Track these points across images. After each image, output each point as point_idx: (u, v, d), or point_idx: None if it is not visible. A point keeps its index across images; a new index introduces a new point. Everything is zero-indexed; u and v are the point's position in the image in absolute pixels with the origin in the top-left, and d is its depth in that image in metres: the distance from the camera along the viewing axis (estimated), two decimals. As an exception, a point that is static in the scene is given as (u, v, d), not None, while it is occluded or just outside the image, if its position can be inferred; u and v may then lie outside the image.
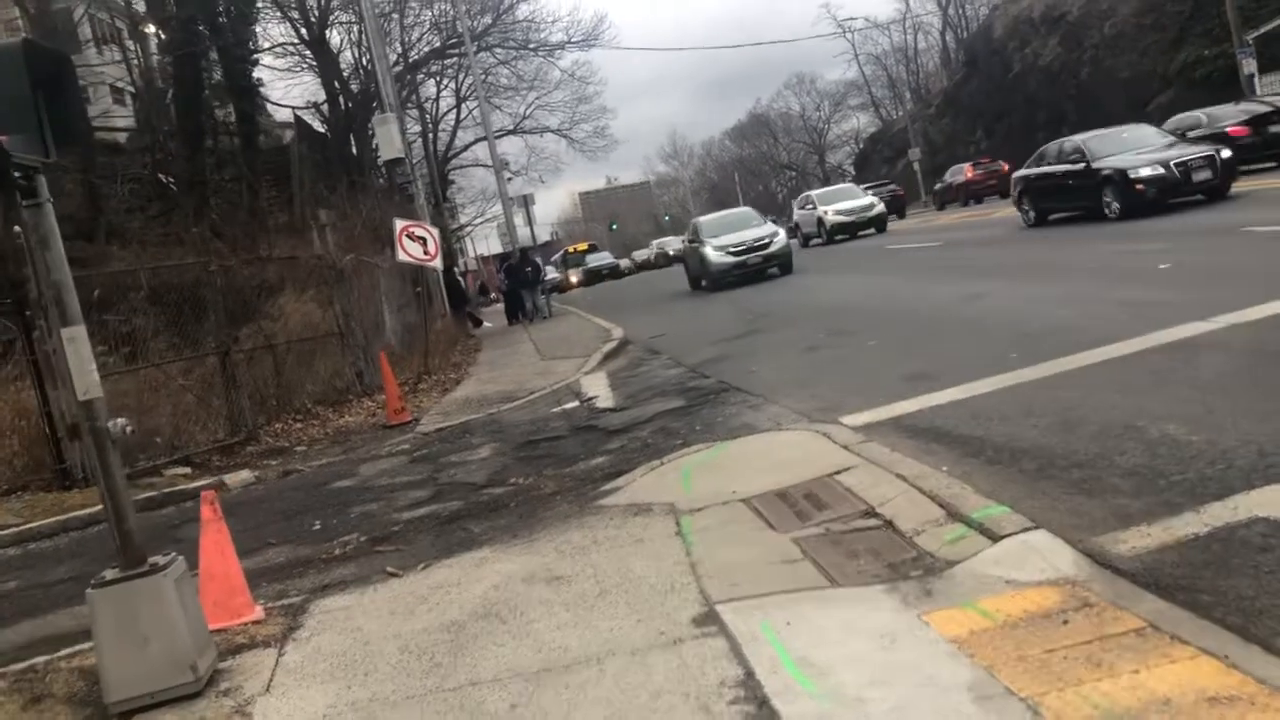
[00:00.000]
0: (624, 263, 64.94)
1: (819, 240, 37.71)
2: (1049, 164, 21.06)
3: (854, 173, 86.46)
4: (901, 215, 46.83)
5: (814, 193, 42.00)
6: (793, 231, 42.60)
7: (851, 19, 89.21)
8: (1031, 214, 21.73)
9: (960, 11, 79.23)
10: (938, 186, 50.31)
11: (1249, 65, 33.48)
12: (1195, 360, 7.09)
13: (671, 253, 56.86)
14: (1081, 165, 19.71)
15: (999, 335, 9.73)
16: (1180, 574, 4.03)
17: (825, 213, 37.12)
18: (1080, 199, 20.04)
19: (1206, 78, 39.80)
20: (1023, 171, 22.29)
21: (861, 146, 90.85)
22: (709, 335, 15.40)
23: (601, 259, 62.64)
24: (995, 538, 4.62)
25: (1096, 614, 3.80)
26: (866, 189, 43.32)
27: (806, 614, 4.30)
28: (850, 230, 36.24)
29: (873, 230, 35.59)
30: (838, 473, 6.23)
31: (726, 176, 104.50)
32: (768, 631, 4.16)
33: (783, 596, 4.54)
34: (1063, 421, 6.38)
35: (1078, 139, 20.92)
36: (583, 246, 66.51)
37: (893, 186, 51.68)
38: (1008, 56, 61.52)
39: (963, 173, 46.88)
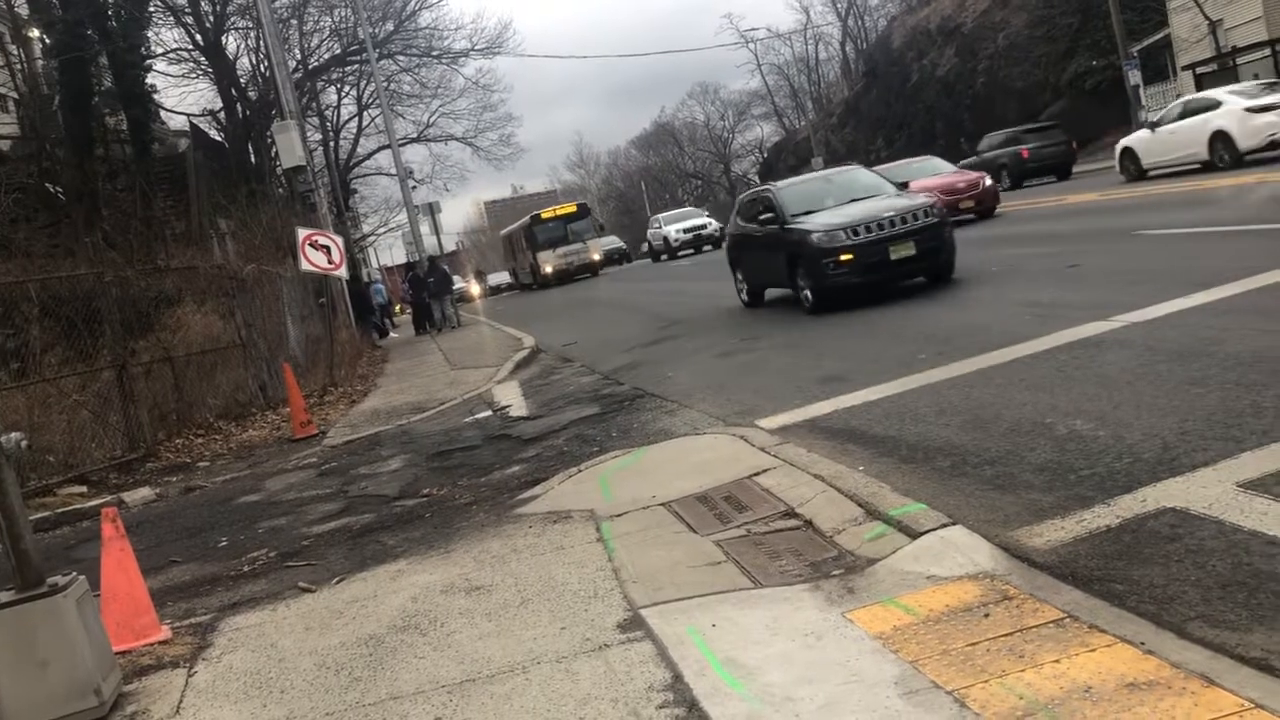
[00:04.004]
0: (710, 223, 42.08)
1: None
2: None
3: (758, 182, 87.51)
4: None
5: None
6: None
7: (754, 29, 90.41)
8: None
9: (860, 23, 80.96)
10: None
11: (1134, 76, 34.78)
12: (1099, 359, 7.30)
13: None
14: None
15: (908, 337, 9.90)
16: (1094, 565, 4.12)
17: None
18: None
19: (1095, 88, 41.33)
20: None
21: (766, 155, 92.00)
22: (622, 343, 15.39)
23: (687, 220, 41.03)
24: (914, 534, 4.68)
25: (1016, 606, 3.86)
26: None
27: (731, 615, 4.29)
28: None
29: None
30: (756, 475, 6.25)
31: (633, 185, 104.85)
32: (694, 634, 4.13)
33: (707, 599, 4.53)
34: (974, 420, 6.51)
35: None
36: (567, 209, 46.18)
37: None
38: (906, 67, 63.06)
39: None
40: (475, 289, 54.21)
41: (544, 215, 45.54)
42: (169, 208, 26.14)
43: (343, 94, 51.71)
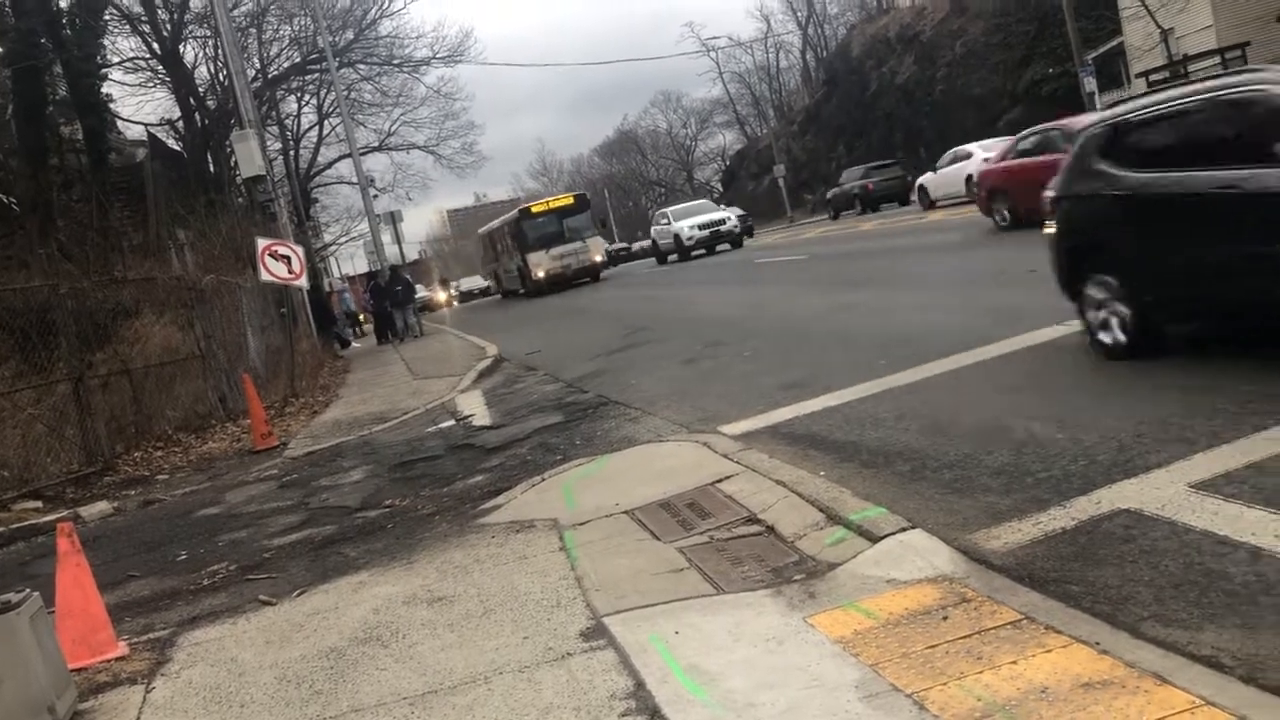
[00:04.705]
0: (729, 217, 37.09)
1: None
2: None
3: (721, 189, 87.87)
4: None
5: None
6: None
7: (715, 38, 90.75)
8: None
9: (820, 31, 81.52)
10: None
11: (1090, 83, 35.26)
12: (1057, 362, 7.40)
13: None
14: None
15: (869, 343, 9.98)
16: (1051, 567, 4.18)
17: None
18: None
19: (1051, 95, 41.86)
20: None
21: (728, 163, 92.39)
22: (586, 350, 15.38)
23: (702, 214, 36.65)
24: (874, 539, 4.72)
25: (974, 608, 3.90)
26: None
27: (694, 622, 4.30)
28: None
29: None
30: (719, 481, 6.27)
31: (596, 193, 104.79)
32: (656, 641, 4.14)
33: (670, 606, 4.54)
34: (934, 424, 6.57)
35: None
36: (562, 201, 38.01)
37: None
38: (866, 75, 63.60)
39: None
40: (441, 296, 53.81)
41: (534, 209, 37.53)
42: (126, 218, 25.82)
43: (303, 103, 51.32)
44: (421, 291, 46.17)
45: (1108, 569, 4.03)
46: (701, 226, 35.87)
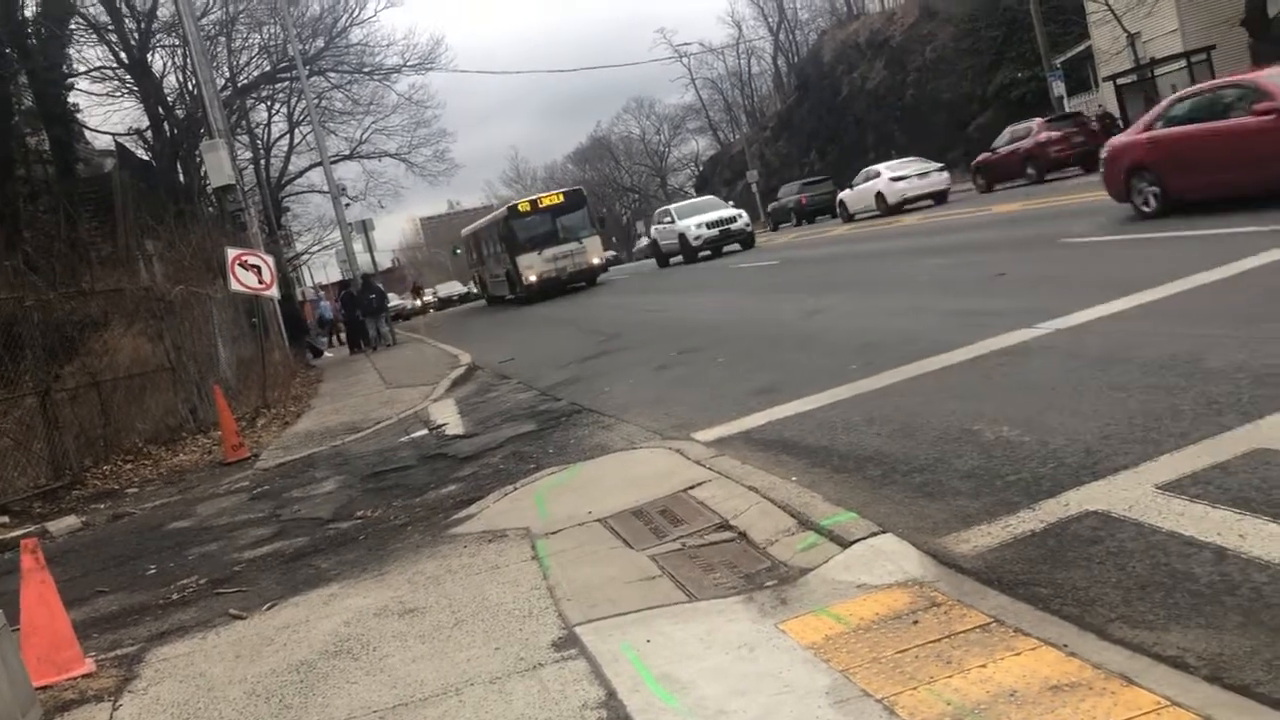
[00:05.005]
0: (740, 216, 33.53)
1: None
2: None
3: (694, 195, 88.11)
4: None
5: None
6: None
7: (687, 44, 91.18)
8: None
9: (791, 37, 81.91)
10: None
11: (1058, 87, 35.63)
12: (1025, 365, 7.44)
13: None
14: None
15: (841, 348, 10.01)
16: (1020, 569, 4.20)
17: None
18: None
19: (1021, 99, 42.27)
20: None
21: (701, 169, 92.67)
22: (560, 358, 15.36)
23: (709, 211, 33.80)
24: (845, 543, 4.72)
25: (944, 612, 3.91)
26: None
27: (666, 630, 4.30)
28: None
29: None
30: (692, 488, 6.27)
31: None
32: (628, 650, 4.13)
33: (642, 614, 4.53)
34: (903, 428, 6.60)
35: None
36: (553, 199, 34.34)
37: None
38: (837, 80, 63.97)
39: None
40: (416, 304, 53.66)
41: (523, 207, 34.08)
42: (94, 229, 25.60)
43: (273, 111, 51.08)
44: (395, 300, 46.03)
45: (1076, 571, 4.06)
46: (709, 225, 32.84)
